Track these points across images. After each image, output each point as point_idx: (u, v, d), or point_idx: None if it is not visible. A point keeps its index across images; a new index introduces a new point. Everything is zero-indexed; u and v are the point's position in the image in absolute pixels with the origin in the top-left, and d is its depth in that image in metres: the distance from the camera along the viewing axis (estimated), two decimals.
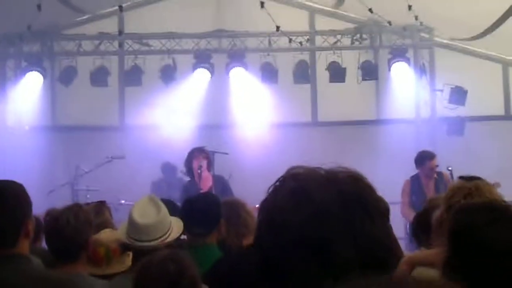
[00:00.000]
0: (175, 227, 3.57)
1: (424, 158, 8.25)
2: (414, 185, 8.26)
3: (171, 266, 2.67)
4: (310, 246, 1.20)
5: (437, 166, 8.20)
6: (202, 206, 4.02)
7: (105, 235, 3.92)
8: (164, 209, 3.49)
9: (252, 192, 8.32)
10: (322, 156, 10.92)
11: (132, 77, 11.02)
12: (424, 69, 11.28)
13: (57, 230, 3.28)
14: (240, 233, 5.03)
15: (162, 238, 3.42)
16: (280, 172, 1.31)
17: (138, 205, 3.50)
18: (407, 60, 11.10)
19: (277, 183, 1.29)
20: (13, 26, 10.15)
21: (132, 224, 3.42)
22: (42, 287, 2.76)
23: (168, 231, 3.46)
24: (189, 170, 8.22)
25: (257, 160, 10.87)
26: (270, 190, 1.29)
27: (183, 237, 4.05)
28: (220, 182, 8.12)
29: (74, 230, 3.30)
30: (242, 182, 9.24)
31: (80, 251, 3.38)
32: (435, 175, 8.16)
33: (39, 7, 8.49)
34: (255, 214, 4.96)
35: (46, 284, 2.84)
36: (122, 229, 3.56)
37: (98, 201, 5.19)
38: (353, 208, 1.22)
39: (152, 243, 3.36)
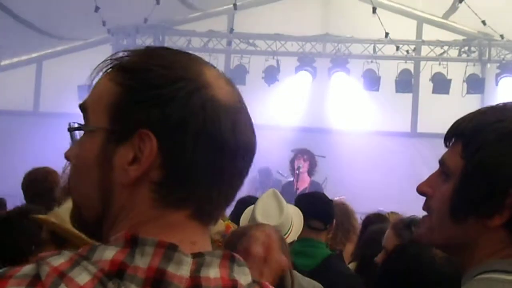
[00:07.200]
0: (295, 225, 3.56)
1: None
2: None
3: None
4: None
5: None
6: (322, 202, 3.96)
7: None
8: (286, 208, 3.47)
9: (345, 198, 8.38)
10: (419, 167, 10.82)
11: (237, 75, 11.22)
12: None
13: None
14: (348, 238, 4.95)
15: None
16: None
17: (261, 202, 3.50)
18: None
19: None
20: (130, 18, 10.58)
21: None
22: None
23: (289, 230, 3.47)
24: (292, 170, 8.40)
25: (354, 166, 10.84)
26: None
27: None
28: (315, 187, 8.10)
29: None
30: (336, 186, 9.25)
31: None
32: None
33: (157, 0, 8.81)
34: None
35: None
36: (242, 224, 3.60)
37: None
38: None
39: None
